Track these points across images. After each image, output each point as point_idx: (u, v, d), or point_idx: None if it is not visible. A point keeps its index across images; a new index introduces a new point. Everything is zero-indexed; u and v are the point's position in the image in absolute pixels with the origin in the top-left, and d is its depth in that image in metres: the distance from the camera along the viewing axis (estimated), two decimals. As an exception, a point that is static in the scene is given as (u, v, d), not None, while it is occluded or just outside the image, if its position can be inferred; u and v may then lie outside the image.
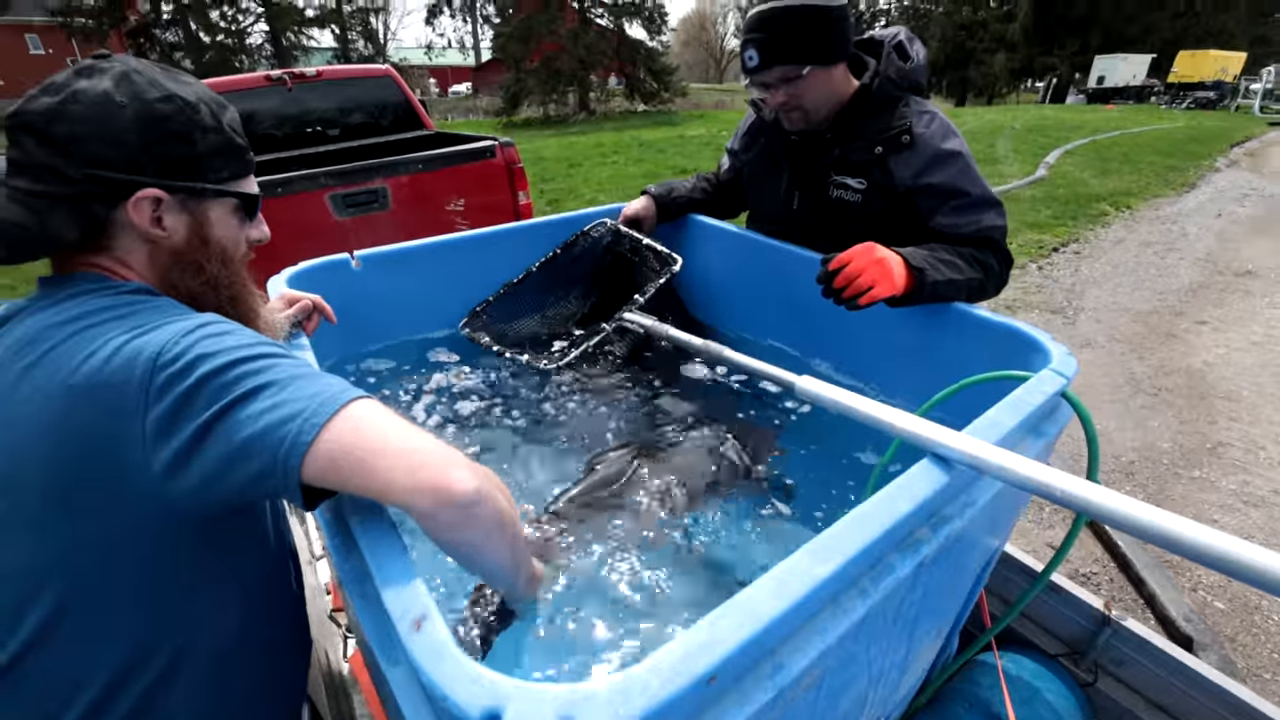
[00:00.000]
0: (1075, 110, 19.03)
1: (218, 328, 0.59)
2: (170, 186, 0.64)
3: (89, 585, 0.58)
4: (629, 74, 22.06)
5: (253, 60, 19.75)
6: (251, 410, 0.53)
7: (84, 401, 0.54)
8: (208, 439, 0.53)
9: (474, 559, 0.58)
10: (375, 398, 0.58)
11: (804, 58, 1.17)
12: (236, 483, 0.54)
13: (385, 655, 0.52)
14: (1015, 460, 0.64)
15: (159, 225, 0.65)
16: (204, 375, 0.53)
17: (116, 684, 0.60)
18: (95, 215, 0.62)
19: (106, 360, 0.54)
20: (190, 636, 0.64)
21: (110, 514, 0.56)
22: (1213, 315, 4.28)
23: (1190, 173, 9.15)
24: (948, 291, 1.09)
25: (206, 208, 0.68)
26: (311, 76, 3.87)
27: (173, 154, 0.64)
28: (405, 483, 0.52)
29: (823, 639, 0.53)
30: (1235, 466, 2.71)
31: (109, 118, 0.60)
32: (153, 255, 0.66)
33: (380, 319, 1.43)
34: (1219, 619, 2.01)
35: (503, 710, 0.42)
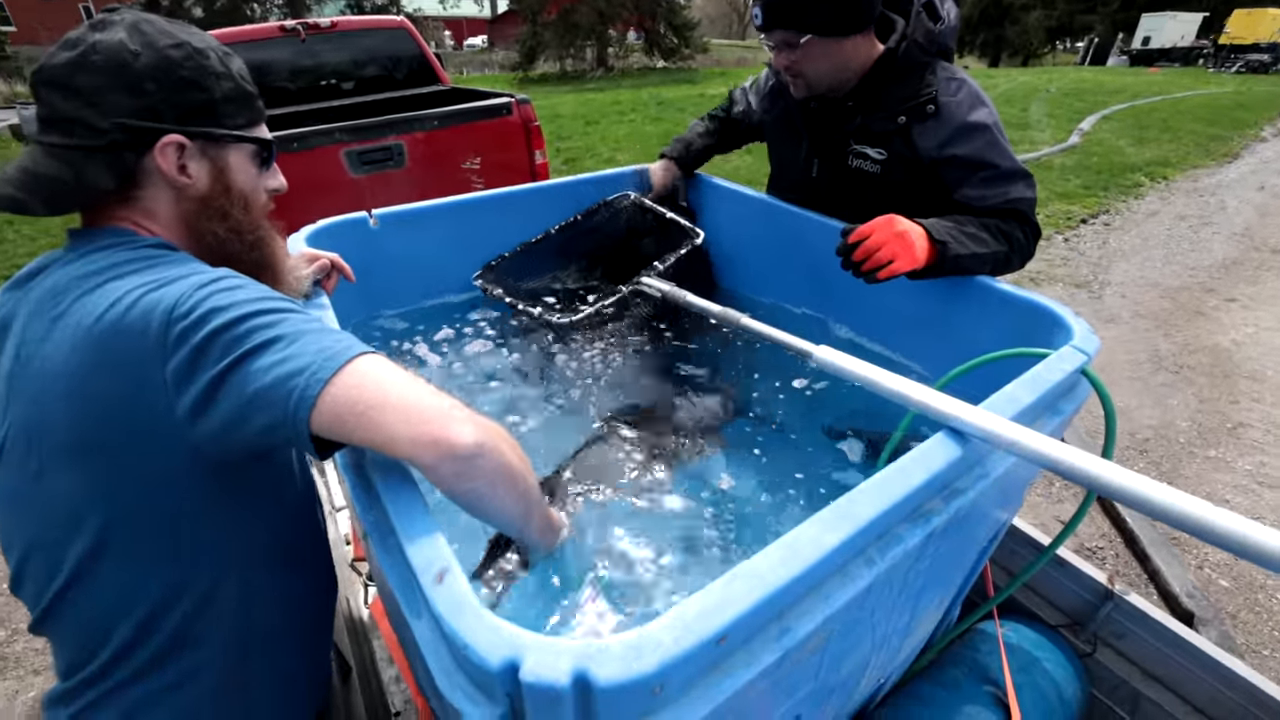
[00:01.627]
0: (1116, 73, 18.15)
1: (231, 281, 0.60)
2: (191, 133, 0.66)
3: (124, 523, 0.61)
4: (649, 29, 21.28)
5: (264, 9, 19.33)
6: (261, 364, 0.55)
7: (108, 350, 0.56)
8: (221, 390, 0.55)
9: (482, 509, 0.60)
10: (382, 353, 0.59)
11: (803, 25, 1.13)
12: (252, 432, 0.56)
13: (409, 606, 0.54)
14: (1029, 435, 0.65)
15: (184, 172, 0.67)
16: (216, 328, 0.55)
17: (152, 618, 0.64)
18: (126, 164, 0.64)
19: (127, 310, 0.56)
20: (221, 573, 0.67)
21: (140, 455, 0.59)
22: (1244, 293, 4.16)
23: (1234, 142, 8.75)
24: (971, 265, 1.07)
25: (226, 154, 0.70)
26: (326, 27, 3.79)
27: (190, 101, 0.65)
28: (407, 436, 0.53)
29: (829, 605, 0.55)
30: (1253, 447, 2.68)
31: (126, 66, 0.61)
32: (179, 203, 0.68)
33: (398, 278, 1.44)
34: (1222, 596, 2.02)
35: (521, 660, 0.44)
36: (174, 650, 0.65)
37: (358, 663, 1.28)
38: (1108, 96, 12.09)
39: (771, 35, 1.17)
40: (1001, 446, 0.66)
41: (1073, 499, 2.42)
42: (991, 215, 1.13)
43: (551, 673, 0.43)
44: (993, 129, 1.15)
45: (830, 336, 1.39)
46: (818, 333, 1.40)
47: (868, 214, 1.27)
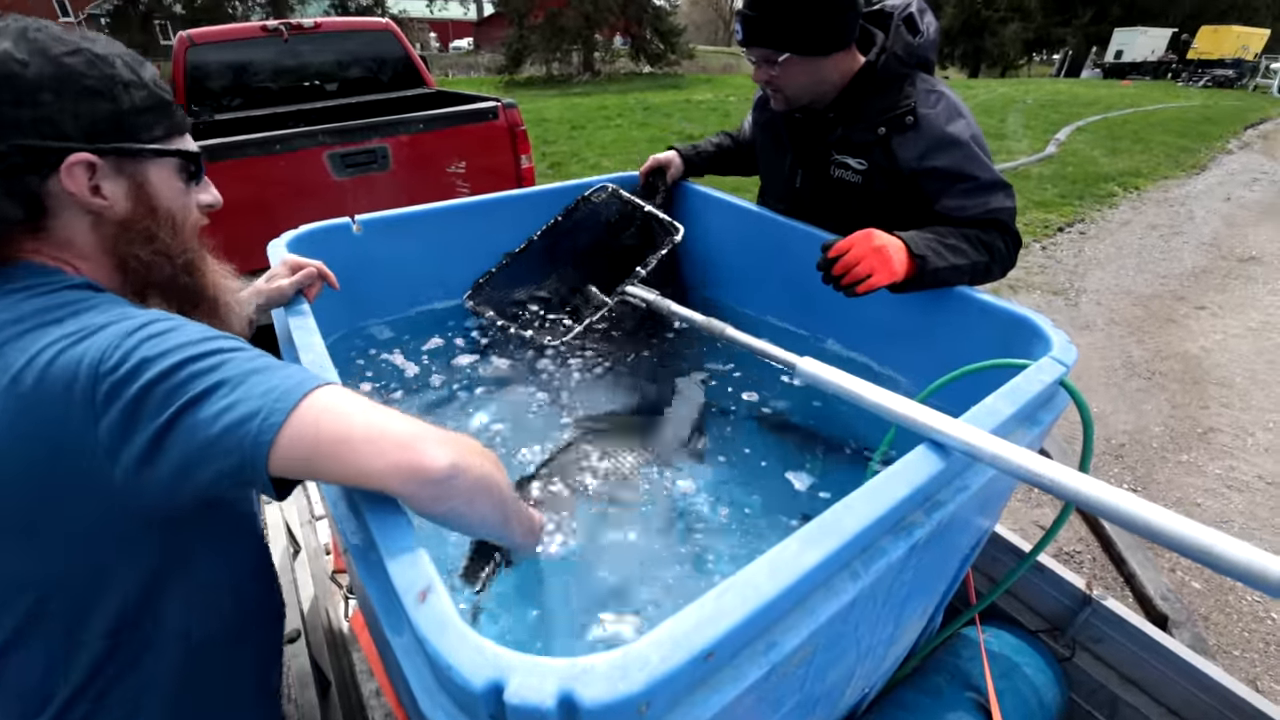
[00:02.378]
0: (1090, 85, 18.61)
1: (162, 325, 0.55)
2: (100, 149, 0.59)
3: (59, 594, 0.57)
4: (635, 34, 21.39)
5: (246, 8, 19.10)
6: (206, 413, 0.51)
7: (28, 414, 0.51)
8: (164, 445, 0.51)
9: (462, 524, 0.60)
10: (338, 384, 0.57)
11: (781, 44, 1.14)
12: (203, 482, 0.53)
13: (390, 625, 0.54)
14: (1009, 449, 0.66)
15: (98, 194, 0.60)
16: (151, 379, 0.51)
17: (89, 683, 0.61)
18: (30, 189, 0.57)
19: (46, 367, 0.51)
20: (168, 630, 0.63)
21: (76, 523, 0.55)
22: (1213, 300, 4.28)
23: (1202, 154, 9.02)
24: (951, 276, 1.08)
25: (145, 170, 0.63)
26: (309, 28, 3.76)
27: (95, 113, 0.58)
28: (379, 467, 0.52)
29: (814, 619, 0.55)
30: (1223, 451, 2.75)
31: (15, 78, 0.55)
32: (98, 230, 0.62)
33: (382, 285, 1.42)
34: (1195, 598, 2.07)
35: (505, 681, 0.43)
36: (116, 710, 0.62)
37: (337, 676, 1.25)
38: (1082, 108, 12.39)
39: (752, 51, 1.19)
40: (983, 460, 0.67)
41: (1051, 504, 2.47)
42: (972, 226, 1.14)
43: (536, 694, 0.42)
44: (970, 141, 1.16)
45: (812, 347, 1.40)
46: (797, 345, 1.41)
47: (850, 224, 1.29)
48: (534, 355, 1.41)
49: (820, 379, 0.84)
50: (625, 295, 1.31)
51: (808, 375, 0.85)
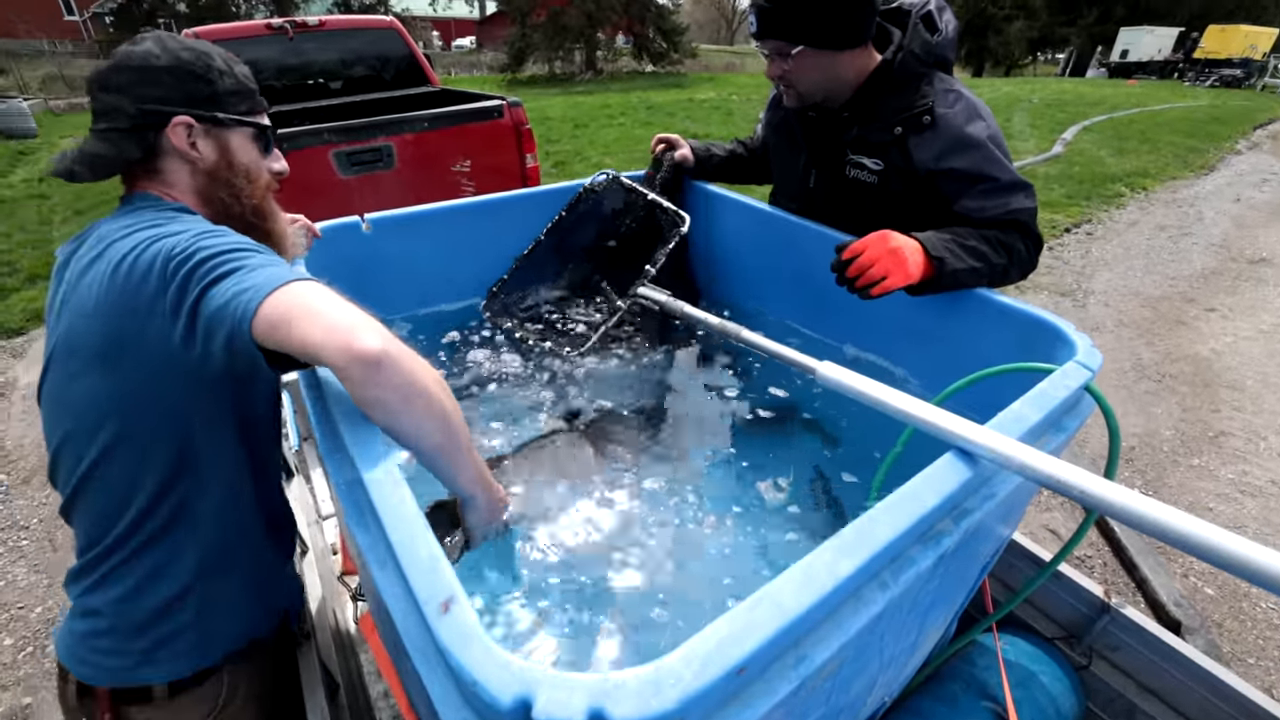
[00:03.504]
0: (1095, 84, 18.53)
1: (219, 231, 0.74)
2: (197, 115, 0.81)
3: (135, 420, 0.75)
4: (638, 33, 21.33)
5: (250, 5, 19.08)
6: (222, 287, 0.67)
7: (127, 283, 0.69)
8: (198, 311, 0.67)
9: (397, 427, 0.65)
10: (322, 282, 0.69)
11: (796, 36, 1.12)
12: (220, 344, 0.66)
13: (409, 636, 0.52)
14: (1036, 456, 0.64)
15: (194, 148, 0.82)
16: (197, 262, 0.68)
17: (156, 499, 0.77)
18: (149, 140, 0.80)
19: (142, 252, 0.70)
20: (210, 468, 0.80)
21: (149, 367, 0.72)
22: (1223, 303, 4.25)
23: (1210, 154, 8.97)
24: (969, 279, 1.06)
25: (229, 135, 0.84)
26: (314, 26, 3.74)
27: (197, 91, 0.81)
28: (320, 339, 0.62)
29: (844, 631, 0.54)
30: (1235, 456, 2.73)
31: (149, 66, 0.79)
32: (193, 176, 0.83)
33: (391, 284, 1.41)
34: (1208, 605, 2.05)
35: (533, 698, 0.42)
36: (172, 527, 0.79)
37: (344, 678, 1.24)
38: (1088, 108, 12.33)
39: (765, 44, 1.16)
40: (1010, 468, 0.65)
41: (1061, 507, 2.45)
42: (992, 227, 1.12)
43: (565, 710, 0.41)
44: (989, 142, 1.14)
45: (824, 349, 1.39)
46: (812, 348, 1.40)
47: (865, 225, 1.27)
48: (543, 354, 1.39)
49: (841, 383, 0.82)
50: (638, 298, 1.30)
51: (828, 380, 0.84)
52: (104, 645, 0.81)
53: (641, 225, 1.53)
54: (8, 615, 2.03)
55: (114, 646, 0.81)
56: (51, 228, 5.54)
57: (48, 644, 1.93)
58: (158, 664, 0.82)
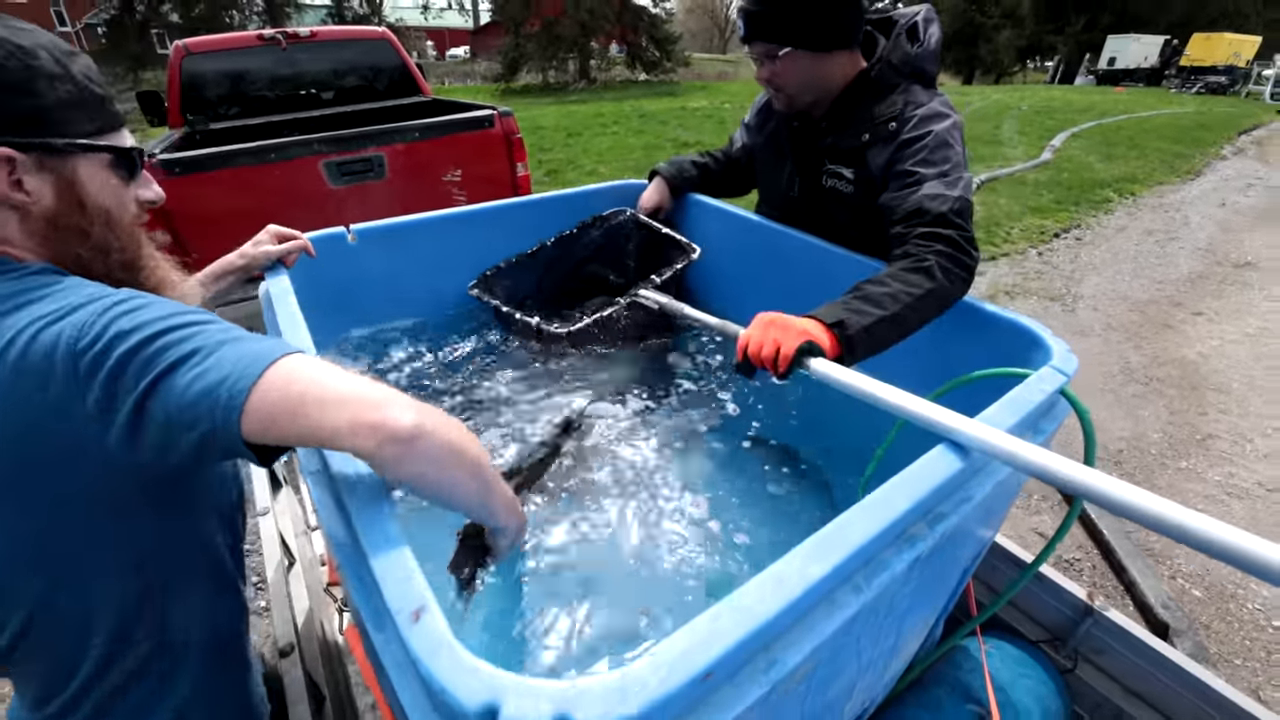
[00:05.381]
0: (1083, 92, 18.76)
1: (134, 302, 0.56)
2: (18, 144, 0.57)
3: (73, 553, 0.60)
4: (631, 42, 21.50)
5: (243, 16, 19.14)
6: (179, 382, 0.52)
7: (14, 393, 0.53)
8: (145, 413, 0.52)
9: (438, 493, 0.58)
10: (307, 352, 0.58)
11: (783, 38, 1.13)
12: (187, 448, 0.54)
13: (383, 644, 0.52)
14: (1023, 446, 0.66)
15: (20, 189, 0.59)
16: (126, 352, 0.52)
17: (119, 637, 0.65)
18: None
19: (26, 347, 0.52)
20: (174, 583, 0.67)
21: (79, 487, 0.57)
22: (1210, 306, 4.29)
23: (1196, 160, 9.08)
24: (889, 331, 0.93)
25: (73, 166, 0.62)
26: (306, 36, 3.76)
27: (15, 108, 0.57)
28: (344, 427, 0.52)
29: (816, 635, 0.54)
30: (1222, 458, 2.75)
31: None
32: (26, 224, 0.61)
33: (376, 296, 1.41)
34: (1195, 606, 2.06)
35: (500, 704, 0.42)
36: (148, 667, 0.67)
37: (331, 689, 1.23)
38: (1076, 114, 12.48)
39: (753, 47, 1.18)
40: (998, 458, 0.67)
41: (1050, 510, 2.46)
42: (904, 230, 1.04)
43: (532, 716, 0.41)
44: (930, 143, 1.08)
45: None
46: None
47: (842, 233, 1.28)
48: (529, 366, 1.40)
49: (832, 378, 0.83)
50: (638, 297, 1.31)
51: (819, 374, 0.85)
52: None
53: (646, 251, 1.57)
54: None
55: None
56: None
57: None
58: None
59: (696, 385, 1.38)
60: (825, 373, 0.84)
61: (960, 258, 1.00)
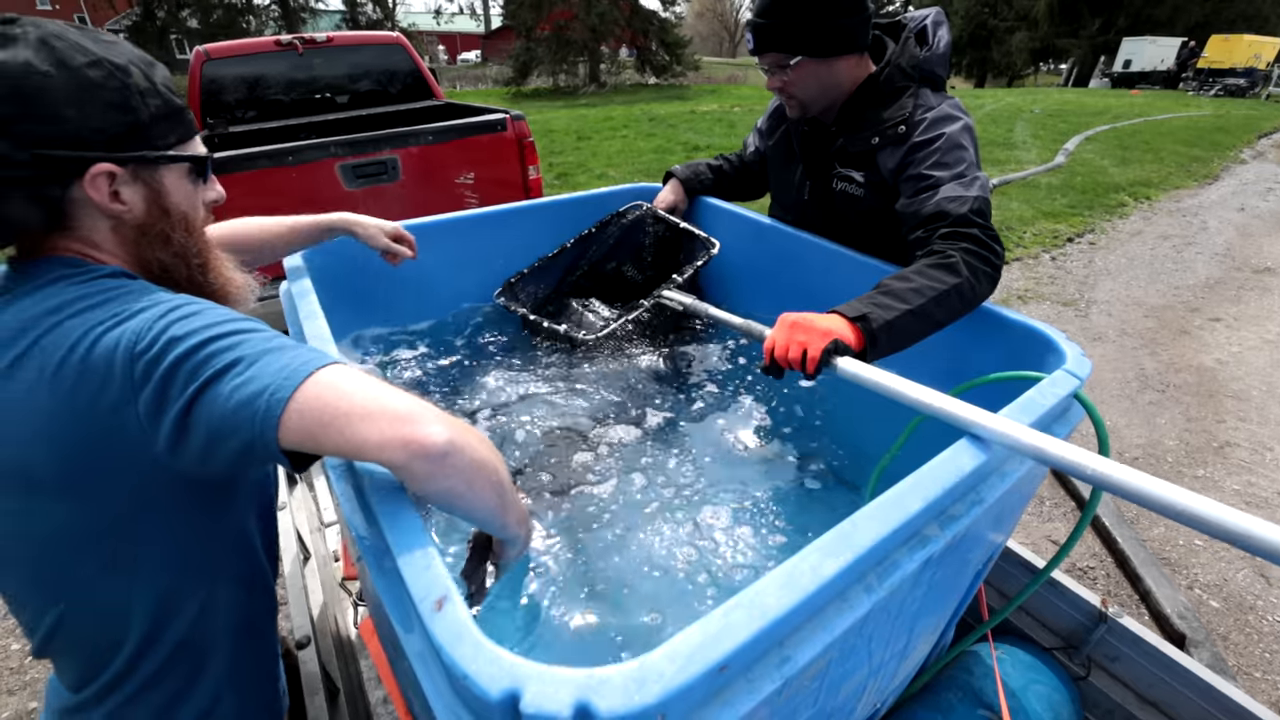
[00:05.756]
0: (1098, 94, 18.57)
1: (189, 309, 0.59)
2: (120, 159, 0.62)
3: (120, 545, 0.63)
4: (641, 46, 21.58)
5: (260, 21, 19.43)
6: (224, 388, 0.55)
7: (76, 393, 0.55)
8: (191, 418, 0.55)
9: (460, 505, 0.60)
10: (346, 363, 0.60)
11: (794, 48, 1.14)
12: (228, 454, 0.56)
13: (405, 634, 0.54)
14: (1046, 440, 0.67)
15: (117, 200, 0.63)
16: (177, 358, 0.55)
17: (155, 629, 0.67)
18: (52, 196, 0.60)
19: (89, 351, 0.56)
20: (211, 581, 0.70)
21: (127, 485, 0.60)
22: (1228, 312, 4.24)
23: (1214, 164, 8.96)
24: (914, 325, 0.92)
25: (160, 176, 0.66)
26: (322, 42, 3.82)
27: (117, 125, 0.61)
28: (376, 440, 0.54)
29: (829, 632, 0.55)
30: (1241, 467, 2.71)
31: (40, 92, 0.56)
32: (118, 231, 0.65)
33: (396, 295, 1.43)
34: (1213, 617, 2.03)
35: (521, 691, 0.43)
36: (179, 659, 0.69)
37: (344, 683, 1.25)
38: (1091, 117, 12.36)
39: (764, 58, 1.19)
40: (1022, 452, 0.68)
41: (1063, 518, 2.44)
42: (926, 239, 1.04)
43: (553, 704, 0.42)
44: (943, 146, 1.09)
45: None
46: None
47: (852, 236, 1.28)
48: (545, 366, 1.41)
49: (858, 375, 0.84)
50: (662, 298, 1.33)
51: (846, 373, 0.85)
52: None
53: (664, 248, 1.58)
54: (14, 621, 2.04)
55: None
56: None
57: (53, 650, 1.95)
58: None
59: (711, 385, 1.39)
60: (852, 371, 0.84)
61: (986, 255, 1.00)
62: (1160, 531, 2.37)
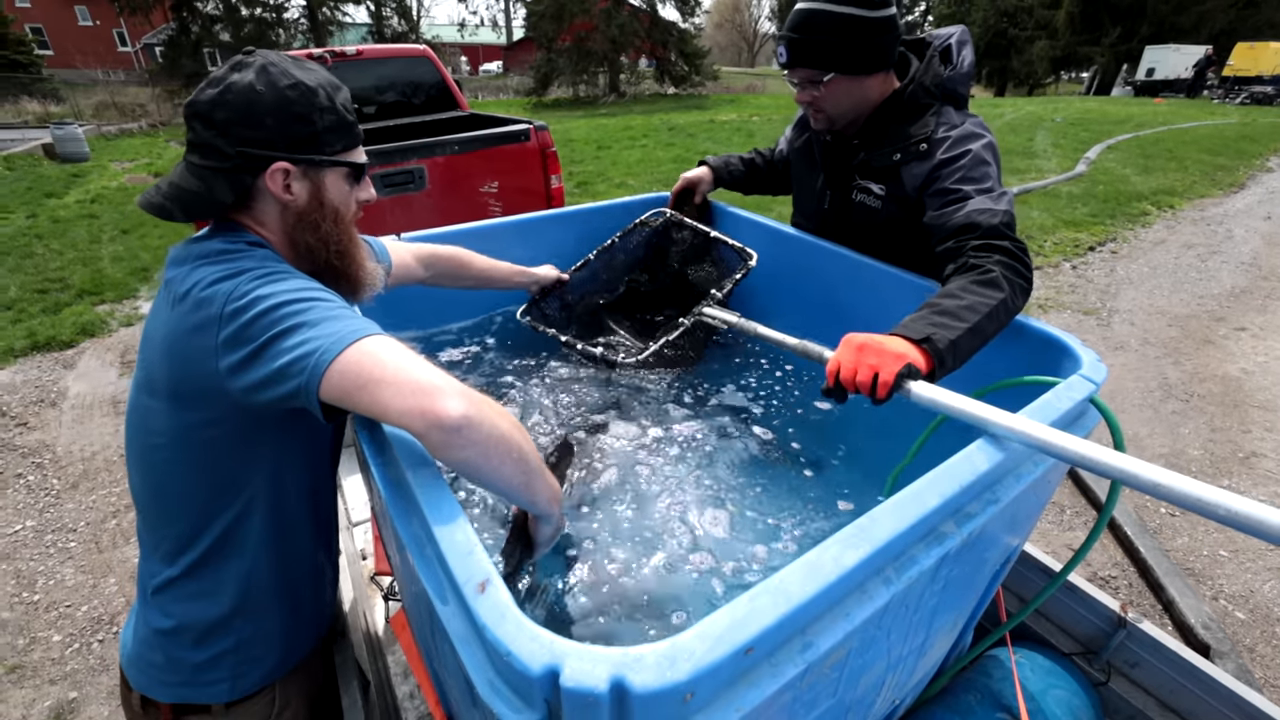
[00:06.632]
0: (1120, 103, 18.32)
1: (278, 275, 0.73)
2: (296, 160, 0.78)
3: (187, 439, 0.77)
4: (660, 56, 21.78)
5: (289, 34, 19.94)
6: (287, 344, 0.67)
7: (188, 318, 0.71)
8: (257, 360, 0.67)
9: (483, 477, 0.67)
10: (389, 335, 0.69)
11: (827, 64, 1.16)
12: (277, 395, 0.67)
13: (448, 616, 0.57)
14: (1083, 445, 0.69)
15: (288, 191, 0.80)
16: (257, 314, 0.68)
17: (202, 524, 0.81)
18: (245, 183, 0.77)
19: (201, 292, 0.71)
20: (254, 488, 0.81)
21: (198, 395, 0.73)
22: (1254, 322, 4.16)
23: (1240, 172, 8.80)
24: (973, 341, 0.92)
25: (323, 175, 0.81)
26: (352, 55, 3.93)
27: (298, 133, 0.77)
28: (399, 407, 0.62)
29: (849, 621, 0.57)
30: (1267, 477, 2.66)
31: (252, 105, 0.74)
32: (283, 215, 0.82)
33: (421, 301, 1.48)
34: (1239, 629, 2.00)
35: (560, 667, 0.46)
36: (213, 556, 0.82)
37: (374, 678, 1.29)
38: (1113, 126, 12.21)
39: (795, 73, 1.21)
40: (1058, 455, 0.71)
41: (1083, 526, 2.42)
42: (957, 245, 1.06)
43: (590, 679, 0.45)
44: (969, 161, 1.11)
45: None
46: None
47: (870, 247, 1.30)
48: (566, 374, 1.44)
49: (933, 401, 0.82)
50: (704, 316, 1.27)
51: (921, 398, 0.83)
52: (158, 660, 0.85)
53: (694, 256, 1.55)
54: (57, 613, 2.13)
55: (166, 664, 0.85)
56: (100, 245, 5.82)
57: (93, 641, 2.02)
58: (205, 686, 0.86)
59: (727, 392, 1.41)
60: (926, 396, 0.82)
61: (1019, 268, 1.01)
62: (1184, 542, 2.33)
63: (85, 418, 3.26)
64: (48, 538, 2.46)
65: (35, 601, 2.17)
